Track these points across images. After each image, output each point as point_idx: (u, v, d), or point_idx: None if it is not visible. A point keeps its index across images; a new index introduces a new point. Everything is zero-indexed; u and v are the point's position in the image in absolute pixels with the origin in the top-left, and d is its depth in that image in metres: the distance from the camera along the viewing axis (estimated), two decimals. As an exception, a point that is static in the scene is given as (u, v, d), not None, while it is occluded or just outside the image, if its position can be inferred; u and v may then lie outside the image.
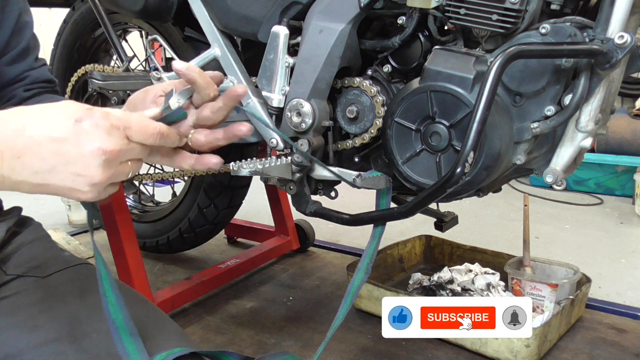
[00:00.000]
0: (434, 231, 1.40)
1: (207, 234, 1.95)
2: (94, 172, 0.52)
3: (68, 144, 0.51)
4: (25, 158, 0.51)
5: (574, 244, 2.31)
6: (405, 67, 1.05)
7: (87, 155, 0.51)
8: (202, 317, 1.66)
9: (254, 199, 2.12)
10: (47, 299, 0.73)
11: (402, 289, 1.63)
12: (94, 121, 0.52)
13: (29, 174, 0.51)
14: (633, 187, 2.85)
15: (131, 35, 1.96)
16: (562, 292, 1.52)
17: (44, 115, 0.52)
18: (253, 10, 1.15)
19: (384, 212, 0.94)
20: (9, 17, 0.82)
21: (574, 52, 0.85)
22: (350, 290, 0.82)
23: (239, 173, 1.06)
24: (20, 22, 0.84)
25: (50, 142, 0.51)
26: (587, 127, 0.91)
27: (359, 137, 1.08)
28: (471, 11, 0.90)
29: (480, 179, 0.94)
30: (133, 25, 1.77)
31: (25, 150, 0.51)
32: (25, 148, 0.51)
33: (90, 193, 0.54)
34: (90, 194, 0.54)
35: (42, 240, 0.85)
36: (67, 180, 0.52)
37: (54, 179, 0.52)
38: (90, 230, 0.69)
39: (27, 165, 0.51)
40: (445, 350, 1.44)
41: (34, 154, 0.51)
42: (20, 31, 0.84)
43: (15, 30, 0.83)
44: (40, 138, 0.51)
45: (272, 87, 1.10)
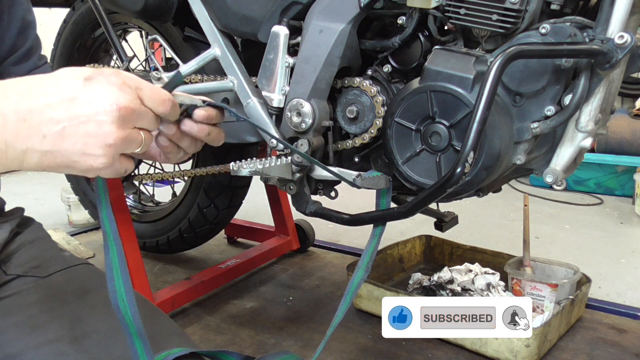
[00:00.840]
0: (434, 231, 1.40)
1: (207, 234, 1.95)
2: (107, 130, 0.48)
3: (79, 102, 0.47)
4: (32, 120, 0.46)
5: (574, 244, 2.31)
6: (405, 67, 1.05)
7: (100, 112, 0.48)
8: (202, 317, 1.66)
9: (254, 199, 2.12)
10: (47, 299, 0.73)
11: (402, 289, 1.63)
12: (105, 78, 0.49)
13: (37, 139, 0.47)
14: (633, 187, 2.85)
15: (131, 35, 1.96)
16: (562, 292, 1.52)
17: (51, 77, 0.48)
18: (253, 10, 1.15)
19: (384, 212, 0.94)
20: (15, 17, 0.83)
21: (574, 52, 0.85)
22: (350, 289, 0.82)
23: (239, 173, 1.06)
24: (25, 22, 0.85)
25: (59, 101, 0.47)
26: (587, 127, 0.91)
27: (359, 137, 1.08)
28: (471, 11, 0.90)
29: (480, 179, 0.94)
30: (133, 25, 1.77)
31: (32, 112, 0.46)
32: (31, 109, 0.47)
33: (103, 158, 0.49)
34: (103, 158, 0.49)
35: (42, 240, 0.85)
36: (79, 142, 0.48)
37: (65, 143, 0.48)
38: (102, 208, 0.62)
39: (34, 129, 0.47)
40: (445, 350, 1.44)
41: (42, 115, 0.47)
42: (25, 31, 0.85)
43: (21, 30, 0.84)
44: (48, 98, 0.47)
45: (272, 87, 1.10)
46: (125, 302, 0.60)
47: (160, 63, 1.83)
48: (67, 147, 0.48)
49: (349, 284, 0.84)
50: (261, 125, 1.15)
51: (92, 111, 0.47)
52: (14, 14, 0.83)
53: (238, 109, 1.22)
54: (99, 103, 0.48)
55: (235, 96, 1.20)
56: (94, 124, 0.48)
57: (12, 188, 2.19)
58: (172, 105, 0.56)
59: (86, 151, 0.48)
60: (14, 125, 0.46)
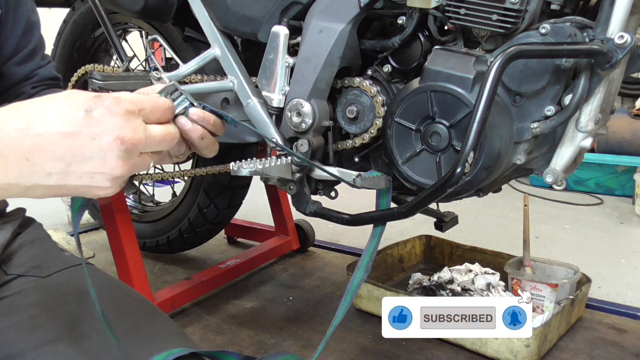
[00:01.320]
0: (434, 231, 1.40)
1: (207, 234, 1.95)
2: (113, 165, 0.47)
3: (82, 137, 0.46)
4: (35, 159, 0.45)
5: (574, 244, 2.31)
6: (405, 67, 1.05)
7: (105, 148, 0.46)
8: (202, 317, 1.66)
9: (254, 199, 2.12)
10: (47, 299, 0.73)
11: (402, 289, 1.63)
12: (106, 109, 0.47)
13: (41, 176, 0.46)
14: (633, 187, 2.85)
15: (131, 35, 1.96)
16: (562, 292, 1.52)
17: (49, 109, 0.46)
18: (253, 10, 1.15)
19: (384, 212, 0.94)
20: (20, 18, 0.83)
21: (574, 52, 0.85)
22: (350, 289, 0.81)
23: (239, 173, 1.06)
24: (30, 22, 0.85)
25: (61, 138, 0.45)
26: (587, 127, 0.91)
27: (359, 137, 1.08)
28: (471, 11, 0.90)
29: (480, 179, 0.94)
30: (133, 25, 1.77)
31: (34, 151, 0.45)
32: (33, 148, 0.45)
33: (111, 189, 0.49)
34: (111, 189, 0.49)
35: (42, 240, 0.85)
36: (84, 178, 0.47)
37: (70, 179, 0.47)
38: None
39: (37, 167, 0.45)
40: (445, 350, 1.44)
41: (45, 153, 0.45)
42: (29, 31, 0.85)
43: (26, 30, 0.84)
44: (50, 135, 0.45)
45: (272, 87, 1.10)
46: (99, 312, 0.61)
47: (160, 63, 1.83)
48: (73, 182, 0.47)
49: (349, 284, 0.84)
50: (261, 125, 1.15)
51: (96, 148, 0.46)
52: (19, 14, 0.83)
53: (238, 109, 1.22)
54: (102, 139, 0.46)
55: (235, 96, 1.20)
56: (99, 160, 0.47)
57: (12, 188, 2.20)
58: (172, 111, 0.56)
59: (93, 184, 0.48)
60: (16, 165, 0.45)
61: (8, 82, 0.85)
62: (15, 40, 0.83)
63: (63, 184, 0.47)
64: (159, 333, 0.72)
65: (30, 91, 0.87)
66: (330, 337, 0.76)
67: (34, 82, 0.88)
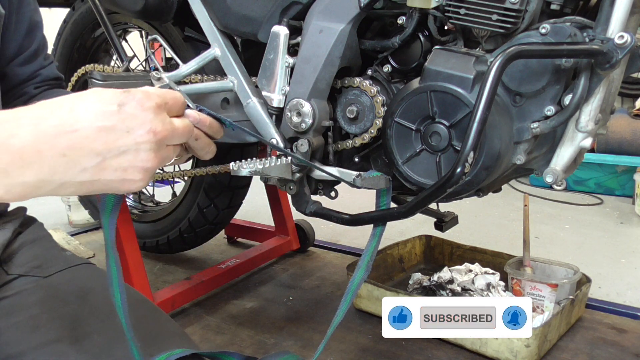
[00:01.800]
0: (434, 231, 1.40)
1: (207, 234, 1.95)
2: (145, 158, 0.48)
3: (116, 131, 0.46)
4: (71, 155, 0.45)
5: (574, 244, 2.31)
6: (405, 67, 1.05)
7: (139, 141, 0.47)
8: (202, 317, 1.66)
9: (254, 199, 2.12)
10: (48, 299, 0.73)
11: (402, 289, 1.63)
12: (138, 103, 0.48)
13: (75, 172, 0.46)
14: (633, 187, 2.85)
15: (131, 35, 1.96)
16: (562, 292, 1.52)
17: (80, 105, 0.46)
18: (253, 10, 1.15)
19: (384, 212, 0.94)
20: (22, 18, 0.83)
21: (574, 52, 0.85)
22: (351, 288, 0.81)
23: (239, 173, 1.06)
24: (32, 22, 0.85)
25: (97, 132, 0.46)
26: (587, 127, 0.91)
27: (359, 137, 1.08)
28: (471, 11, 0.90)
29: (480, 179, 0.94)
30: (133, 25, 1.77)
31: (72, 147, 0.45)
32: (70, 144, 0.45)
33: (141, 182, 0.49)
34: (141, 182, 0.49)
35: (43, 240, 0.85)
36: (118, 172, 0.47)
37: (104, 174, 0.47)
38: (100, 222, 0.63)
39: (73, 163, 0.45)
40: (445, 350, 1.44)
41: (81, 148, 0.45)
42: (32, 32, 0.85)
43: (28, 31, 0.84)
44: (86, 130, 0.45)
45: (272, 87, 1.10)
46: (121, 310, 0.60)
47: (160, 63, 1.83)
48: (107, 176, 0.47)
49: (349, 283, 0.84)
50: (261, 125, 1.15)
51: (130, 141, 0.47)
52: (22, 15, 0.83)
53: (238, 109, 1.22)
54: (136, 132, 0.47)
55: (235, 96, 1.20)
56: (133, 152, 0.47)
57: (12, 188, 2.20)
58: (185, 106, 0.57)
59: (126, 178, 0.48)
60: (51, 161, 0.45)
61: (11, 82, 0.85)
62: (18, 41, 0.83)
63: (97, 179, 0.47)
64: (160, 333, 0.72)
65: (33, 91, 0.87)
66: (330, 337, 0.76)
67: (36, 82, 0.88)
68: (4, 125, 0.44)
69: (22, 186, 0.44)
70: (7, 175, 0.43)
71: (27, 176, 0.44)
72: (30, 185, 0.44)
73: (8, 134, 0.43)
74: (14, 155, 0.43)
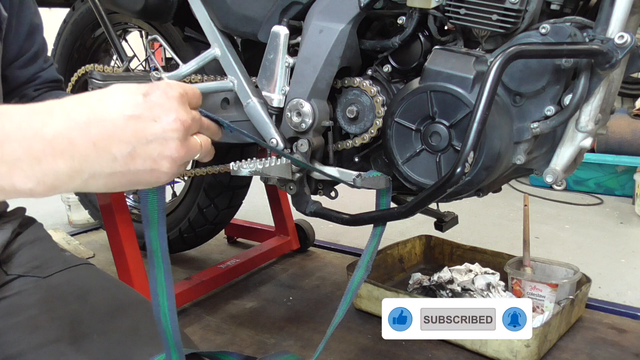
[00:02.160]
0: (434, 231, 1.40)
1: (207, 234, 1.95)
2: (173, 147, 0.48)
3: (145, 120, 0.47)
4: (102, 144, 0.45)
5: (574, 244, 2.31)
6: (405, 67, 1.05)
7: (167, 129, 0.47)
8: (202, 317, 1.66)
9: (254, 199, 2.12)
10: (47, 300, 0.73)
11: (402, 289, 1.63)
12: (162, 92, 0.48)
13: (106, 161, 0.46)
14: (633, 187, 2.85)
15: (131, 35, 1.96)
16: (562, 292, 1.52)
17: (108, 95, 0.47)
18: (253, 10, 1.15)
19: (384, 212, 0.94)
20: (23, 22, 0.83)
21: (574, 52, 0.85)
22: (350, 288, 0.81)
23: (239, 173, 1.06)
24: (33, 25, 0.85)
25: (127, 120, 0.46)
26: (587, 127, 0.91)
27: (359, 137, 1.08)
28: (471, 11, 0.90)
29: (480, 179, 0.94)
30: (133, 25, 1.77)
31: (102, 135, 0.45)
32: (101, 133, 0.45)
33: (169, 173, 0.49)
34: (168, 175, 0.49)
35: (43, 240, 0.85)
36: (147, 161, 0.47)
37: (134, 164, 0.47)
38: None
39: (104, 152, 0.45)
40: (445, 350, 1.44)
41: (111, 136, 0.45)
42: (32, 35, 0.85)
43: (29, 34, 0.84)
44: (114, 119, 0.46)
45: (272, 87, 1.10)
46: (167, 316, 0.60)
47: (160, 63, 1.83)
48: (137, 166, 0.47)
49: (349, 283, 0.84)
50: (261, 125, 1.15)
51: (159, 129, 0.47)
52: (22, 18, 0.83)
53: (238, 109, 1.22)
54: (164, 120, 0.48)
55: (235, 96, 1.20)
56: (161, 141, 0.48)
57: (12, 188, 2.20)
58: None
59: (154, 168, 0.48)
60: (83, 149, 0.45)
61: (11, 84, 0.85)
62: (19, 44, 0.83)
63: (126, 169, 0.47)
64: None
65: (32, 93, 0.87)
66: (330, 337, 0.76)
67: (36, 84, 0.88)
68: (36, 115, 0.44)
69: (55, 175, 0.44)
70: (40, 164, 0.43)
71: (59, 165, 0.44)
72: (63, 174, 0.44)
73: (41, 124, 0.44)
74: (46, 144, 0.43)
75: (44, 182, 0.44)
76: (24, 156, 0.43)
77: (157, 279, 0.59)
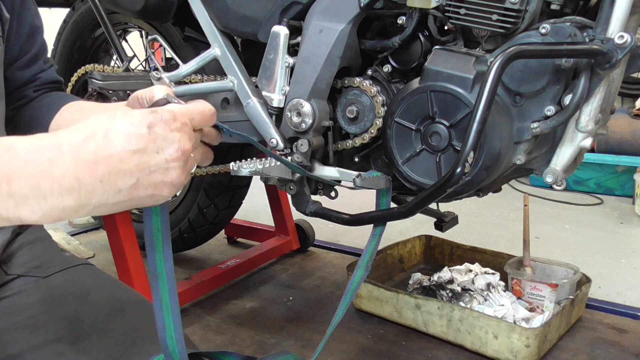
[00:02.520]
0: (434, 231, 1.40)
1: (207, 234, 1.95)
2: (175, 175, 0.51)
3: (148, 152, 0.49)
4: (108, 180, 0.47)
5: (574, 244, 2.31)
6: (405, 67, 1.05)
7: (169, 159, 0.50)
8: (202, 317, 1.66)
9: (254, 199, 2.12)
10: (47, 300, 0.73)
11: (402, 289, 1.63)
12: (165, 124, 0.50)
13: (111, 195, 0.48)
14: (633, 187, 2.85)
15: (131, 35, 1.96)
16: (562, 292, 1.52)
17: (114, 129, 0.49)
18: (253, 10, 1.15)
19: (384, 212, 0.94)
20: (24, 23, 0.83)
21: (574, 52, 0.85)
22: (350, 288, 0.81)
23: (239, 173, 1.06)
24: (33, 27, 0.85)
25: (132, 155, 0.48)
26: (587, 127, 0.91)
27: (359, 137, 1.08)
28: (471, 11, 0.90)
29: (480, 179, 0.94)
30: (133, 25, 1.77)
31: (109, 171, 0.47)
32: (108, 169, 0.47)
33: (167, 197, 0.52)
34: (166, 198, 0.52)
35: (42, 240, 0.85)
36: (149, 189, 0.50)
37: (136, 193, 0.49)
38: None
39: (109, 187, 0.48)
40: (445, 351, 1.44)
41: (117, 173, 0.48)
42: (32, 36, 0.85)
43: (29, 35, 0.85)
44: (120, 154, 0.48)
45: (272, 87, 1.10)
46: (174, 340, 0.60)
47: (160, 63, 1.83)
48: (139, 194, 0.50)
49: (348, 283, 0.84)
50: (261, 125, 1.15)
51: (162, 160, 0.49)
52: (23, 19, 0.83)
53: (238, 109, 1.22)
54: (166, 151, 0.50)
55: (235, 96, 1.20)
56: (163, 170, 0.50)
57: (12, 188, 2.20)
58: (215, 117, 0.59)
59: (155, 194, 0.50)
60: (90, 187, 0.47)
61: (10, 85, 0.85)
62: (19, 45, 0.84)
63: (129, 198, 0.49)
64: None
65: (32, 94, 0.87)
66: (330, 337, 0.76)
67: (36, 85, 0.88)
68: (44, 152, 0.45)
69: (62, 211, 0.46)
70: (47, 201, 0.45)
71: (66, 202, 0.46)
72: (69, 210, 0.46)
73: (49, 162, 0.45)
74: (54, 182, 0.45)
75: (50, 216, 0.46)
76: (31, 194, 0.44)
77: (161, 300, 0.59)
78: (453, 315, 1.42)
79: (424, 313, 1.47)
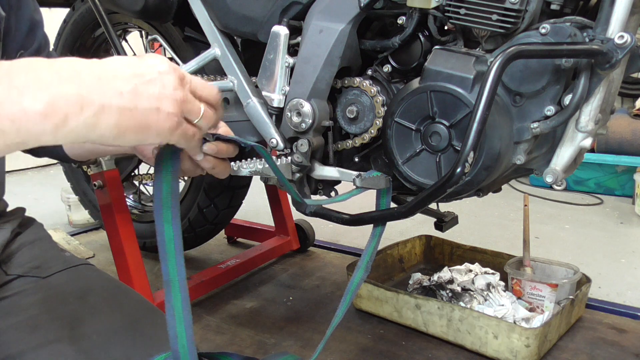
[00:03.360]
0: (434, 231, 1.40)
1: (207, 234, 1.95)
2: (172, 85, 0.52)
3: (142, 67, 0.52)
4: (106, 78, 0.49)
5: (574, 244, 2.31)
6: (405, 67, 1.05)
7: (162, 72, 0.52)
8: (202, 317, 1.66)
9: (254, 199, 2.12)
10: (47, 300, 0.73)
11: (402, 289, 1.63)
12: (154, 55, 0.54)
13: (113, 94, 0.49)
14: (633, 187, 2.85)
15: (131, 35, 1.96)
16: (562, 292, 1.52)
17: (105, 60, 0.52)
18: (253, 10, 1.15)
19: (384, 212, 0.94)
20: (22, 19, 0.83)
21: (574, 52, 0.85)
22: (350, 288, 0.81)
23: (239, 173, 1.06)
24: (33, 22, 0.85)
25: (125, 67, 0.51)
26: (587, 127, 0.91)
27: (359, 137, 1.08)
28: (471, 11, 0.90)
29: (480, 179, 0.94)
30: (133, 25, 1.77)
31: (105, 72, 0.50)
32: (104, 69, 0.50)
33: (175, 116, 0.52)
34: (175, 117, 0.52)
35: (43, 240, 0.85)
36: (152, 99, 0.51)
37: (140, 100, 0.50)
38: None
39: (108, 86, 0.49)
40: (445, 350, 1.44)
41: (114, 75, 0.50)
42: (33, 31, 0.85)
43: (29, 30, 0.84)
44: (114, 66, 0.51)
45: (272, 87, 1.10)
46: (186, 348, 0.60)
47: (160, 63, 1.83)
48: (144, 103, 0.50)
49: (348, 283, 0.84)
50: (261, 125, 1.15)
51: (155, 72, 0.52)
52: (21, 15, 0.83)
53: (238, 109, 1.22)
54: (158, 66, 0.52)
55: (235, 96, 1.20)
56: (160, 83, 0.52)
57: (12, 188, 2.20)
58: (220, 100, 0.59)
59: (160, 107, 0.51)
60: (88, 80, 0.48)
61: None
62: (20, 41, 0.83)
63: (134, 105, 0.50)
64: (159, 333, 0.72)
65: None
66: (330, 337, 0.76)
67: None
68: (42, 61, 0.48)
69: (64, 100, 0.46)
70: (48, 89, 0.46)
71: (67, 88, 0.47)
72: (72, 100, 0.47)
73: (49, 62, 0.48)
74: (53, 73, 0.47)
75: (54, 106, 0.46)
76: (32, 83, 0.45)
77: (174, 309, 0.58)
78: (453, 315, 1.42)
79: (424, 313, 1.47)
